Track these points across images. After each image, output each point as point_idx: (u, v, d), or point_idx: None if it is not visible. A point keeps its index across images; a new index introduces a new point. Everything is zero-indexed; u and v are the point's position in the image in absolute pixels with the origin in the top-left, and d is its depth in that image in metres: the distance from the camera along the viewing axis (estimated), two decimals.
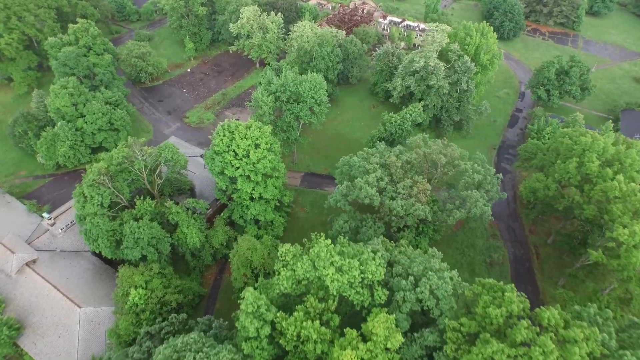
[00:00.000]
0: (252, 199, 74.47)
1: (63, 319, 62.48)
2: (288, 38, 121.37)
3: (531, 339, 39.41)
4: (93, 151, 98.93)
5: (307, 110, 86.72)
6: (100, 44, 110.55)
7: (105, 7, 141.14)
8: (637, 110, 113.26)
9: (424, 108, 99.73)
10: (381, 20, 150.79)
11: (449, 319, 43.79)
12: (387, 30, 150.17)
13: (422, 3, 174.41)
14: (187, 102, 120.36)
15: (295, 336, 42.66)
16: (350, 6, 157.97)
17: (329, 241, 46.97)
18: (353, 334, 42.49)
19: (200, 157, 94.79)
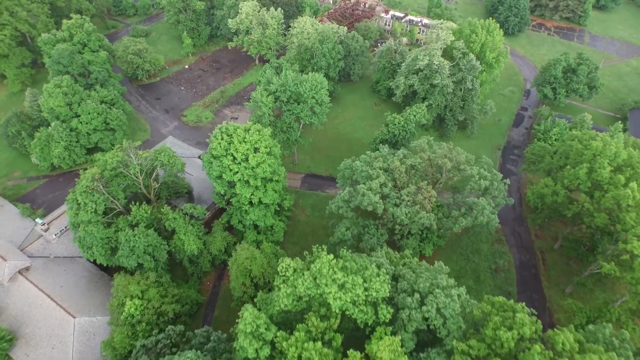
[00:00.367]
0: (252, 204, 72.34)
1: (57, 330, 60.71)
2: (288, 34, 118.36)
3: None
4: (88, 152, 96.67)
5: (308, 110, 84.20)
6: (95, 41, 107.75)
7: (101, 2, 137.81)
8: None
9: (428, 107, 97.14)
10: (383, 14, 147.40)
11: (457, 340, 41.96)
12: (390, 25, 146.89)
13: None
14: (185, 100, 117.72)
15: (296, 357, 40.84)
16: (351, 0, 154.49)
17: (331, 256, 44.95)
18: (357, 357, 40.64)
19: (198, 158, 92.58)
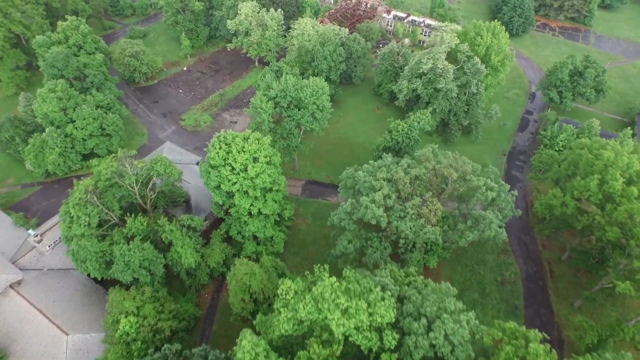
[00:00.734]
0: (251, 215, 70.20)
1: (49, 348, 58.65)
2: (288, 35, 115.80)
3: None
4: (84, 157, 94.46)
5: (309, 116, 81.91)
6: (91, 43, 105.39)
7: (97, 2, 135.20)
8: None
9: (431, 112, 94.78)
10: (385, 15, 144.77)
11: None
12: (392, 25, 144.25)
13: None
14: (183, 104, 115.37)
15: None
16: (352, 0, 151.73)
17: (334, 279, 42.84)
18: None
19: (196, 165, 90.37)
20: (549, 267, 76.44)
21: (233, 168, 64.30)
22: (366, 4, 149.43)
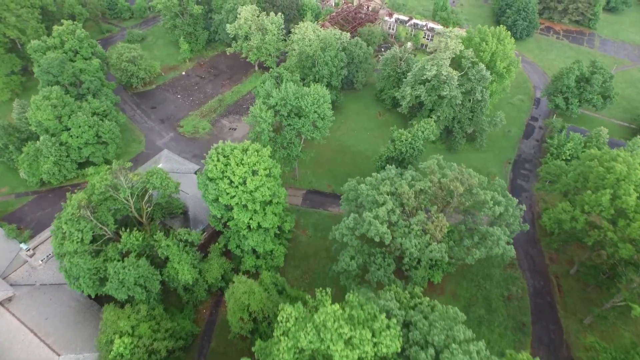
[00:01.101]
0: (250, 228, 67.99)
1: None
2: (288, 40, 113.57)
3: None
4: (80, 166, 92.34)
5: (310, 125, 79.74)
6: (87, 47, 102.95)
7: (94, 5, 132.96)
8: None
9: (435, 120, 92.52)
10: (387, 18, 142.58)
11: None
12: (394, 29, 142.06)
13: None
14: (182, 109, 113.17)
15: None
16: (354, 3, 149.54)
17: (337, 306, 40.66)
18: None
19: (194, 174, 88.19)
20: (557, 282, 74.24)
21: (231, 181, 62.12)
22: (368, 7, 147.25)
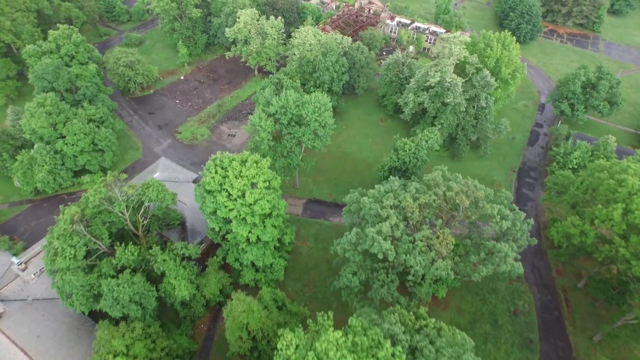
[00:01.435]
0: (249, 241, 66.00)
1: None
2: (289, 44, 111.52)
3: None
4: (76, 174, 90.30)
5: (311, 134, 77.68)
6: (84, 52, 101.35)
7: (91, 8, 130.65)
8: None
9: (439, 128, 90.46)
10: (389, 21, 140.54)
11: None
12: (396, 32, 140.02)
13: (432, 1, 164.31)
14: (180, 115, 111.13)
15: None
16: (355, 6, 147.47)
17: (339, 334, 38.70)
18: None
19: (192, 183, 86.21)
20: (565, 296, 72.24)
21: (230, 194, 60.14)
22: (369, 10, 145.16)
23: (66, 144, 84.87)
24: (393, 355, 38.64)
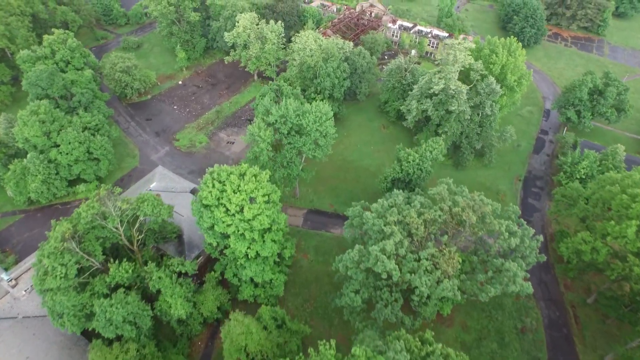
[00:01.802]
0: (248, 257, 63.78)
1: None
2: (289, 48, 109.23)
3: None
4: (70, 183, 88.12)
5: (311, 143, 75.45)
6: (79, 57, 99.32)
7: (88, 12, 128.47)
8: None
9: (443, 138, 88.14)
10: (390, 25, 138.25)
11: None
12: (397, 36, 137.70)
13: (434, 4, 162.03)
14: (178, 121, 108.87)
15: None
16: (356, 9, 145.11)
17: None
18: None
19: (190, 193, 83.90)
20: (574, 312, 69.99)
21: (227, 209, 57.92)
22: (370, 13, 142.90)
23: (60, 153, 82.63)
24: None
